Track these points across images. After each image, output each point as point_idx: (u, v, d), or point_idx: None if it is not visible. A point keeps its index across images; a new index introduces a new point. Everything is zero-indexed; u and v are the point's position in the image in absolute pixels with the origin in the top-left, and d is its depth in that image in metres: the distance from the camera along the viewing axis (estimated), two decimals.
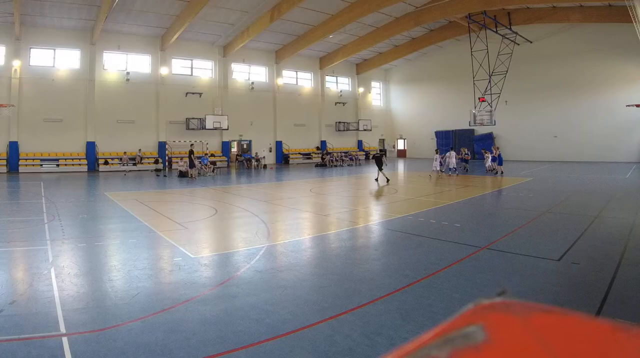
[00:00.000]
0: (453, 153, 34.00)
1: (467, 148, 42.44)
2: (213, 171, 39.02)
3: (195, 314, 7.52)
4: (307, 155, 58.43)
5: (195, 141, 47.81)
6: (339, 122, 62.93)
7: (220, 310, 7.72)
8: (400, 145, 69.68)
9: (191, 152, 35.55)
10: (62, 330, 6.75)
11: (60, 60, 43.06)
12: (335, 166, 51.39)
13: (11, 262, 11.11)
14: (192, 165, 34.84)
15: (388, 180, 28.46)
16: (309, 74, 61.19)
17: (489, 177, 32.35)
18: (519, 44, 48.48)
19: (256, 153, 50.91)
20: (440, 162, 32.27)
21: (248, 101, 54.13)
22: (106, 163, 43.12)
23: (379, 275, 10.02)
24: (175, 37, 43.58)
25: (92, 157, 43.28)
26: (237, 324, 7.07)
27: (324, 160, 52.77)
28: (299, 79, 60.30)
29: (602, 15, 41.73)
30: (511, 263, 10.59)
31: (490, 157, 34.76)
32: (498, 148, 29.83)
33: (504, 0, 40.75)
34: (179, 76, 49.74)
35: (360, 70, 65.12)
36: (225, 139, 52.30)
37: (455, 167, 34.10)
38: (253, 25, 44.66)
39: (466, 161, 37.59)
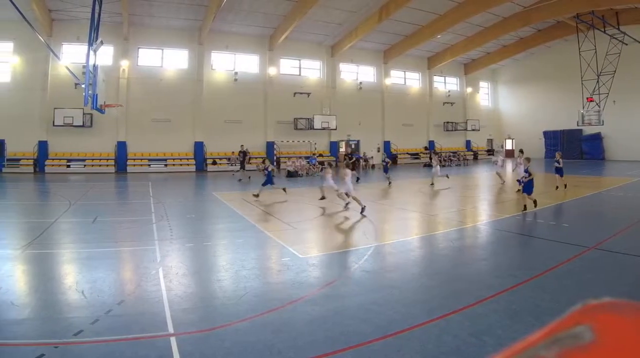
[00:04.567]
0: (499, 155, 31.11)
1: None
2: (321, 171, 39.27)
3: (303, 314, 7.69)
4: (415, 155, 58.25)
5: (304, 141, 48.55)
6: (447, 122, 62.41)
7: (328, 310, 7.86)
8: (509, 145, 67.96)
9: (243, 153, 35.49)
10: (170, 330, 7.04)
11: (168, 60, 44.96)
12: (444, 166, 50.76)
13: (120, 262, 11.75)
14: (242, 166, 34.74)
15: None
16: (417, 74, 60.97)
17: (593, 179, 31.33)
18: (627, 44, 46.61)
19: (364, 153, 50.94)
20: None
21: (356, 101, 54.42)
22: (214, 163, 44.45)
23: (486, 275, 10.07)
24: (284, 37, 44.54)
25: (200, 157, 44.88)
26: (345, 324, 7.18)
27: (432, 160, 52.19)
28: (407, 79, 60.22)
29: None
30: (620, 264, 10.46)
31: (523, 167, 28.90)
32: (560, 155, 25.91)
33: (612, 0, 39.62)
34: (287, 76, 50.68)
35: (469, 70, 64.58)
36: (334, 139, 52.79)
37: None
38: (361, 25, 45.04)
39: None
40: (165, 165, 43.28)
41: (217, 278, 9.78)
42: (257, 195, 22.46)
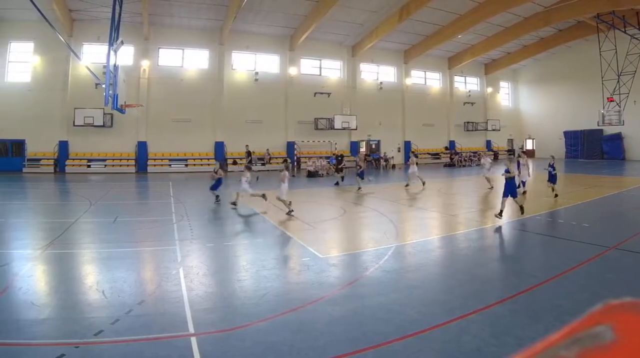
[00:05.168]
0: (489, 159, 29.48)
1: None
2: (341, 171, 39.18)
3: (323, 314, 7.72)
4: (436, 155, 58.32)
5: (324, 141, 48.58)
6: (467, 122, 62.43)
7: (348, 310, 7.89)
8: (529, 145, 67.83)
9: (248, 153, 35.29)
10: (191, 330, 7.09)
11: (188, 60, 45.20)
12: (464, 166, 51.01)
13: (140, 262, 11.85)
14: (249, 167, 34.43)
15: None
16: (438, 74, 61.04)
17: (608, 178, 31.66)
18: None
19: (384, 153, 50.83)
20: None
21: (376, 101, 54.55)
22: (235, 163, 44.36)
23: (507, 275, 10.16)
24: (304, 37, 44.72)
25: (220, 157, 44.56)
26: (365, 324, 7.22)
27: (453, 160, 53.18)
28: (427, 79, 60.32)
29: None
30: None
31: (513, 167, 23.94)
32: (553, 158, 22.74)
33: (632, 0, 39.38)
34: (308, 76, 50.83)
35: (489, 70, 64.62)
36: (354, 139, 52.68)
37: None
38: (381, 25, 45.17)
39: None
40: (186, 165, 43.45)
41: (238, 278, 9.84)
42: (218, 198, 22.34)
